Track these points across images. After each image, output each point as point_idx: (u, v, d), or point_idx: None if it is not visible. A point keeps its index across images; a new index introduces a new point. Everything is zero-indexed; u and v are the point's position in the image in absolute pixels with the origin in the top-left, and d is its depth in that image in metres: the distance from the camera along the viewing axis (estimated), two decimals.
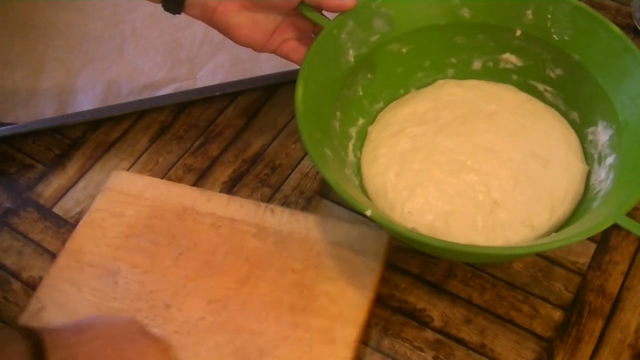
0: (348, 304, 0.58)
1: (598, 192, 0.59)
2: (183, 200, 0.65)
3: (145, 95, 0.76)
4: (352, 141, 0.64)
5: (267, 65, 0.77)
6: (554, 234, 0.58)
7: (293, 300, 0.59)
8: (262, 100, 0.75)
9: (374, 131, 0.66)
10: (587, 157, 0.63)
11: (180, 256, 0.62)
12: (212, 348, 0.57)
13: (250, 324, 0.58)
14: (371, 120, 0.67)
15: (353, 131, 0.65)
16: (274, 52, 0.64)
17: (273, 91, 0.75)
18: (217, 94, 0.74)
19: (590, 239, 0.63)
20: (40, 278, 0.64)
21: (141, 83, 0.77)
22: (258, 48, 0.63)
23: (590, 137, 0.63)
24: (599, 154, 0.61)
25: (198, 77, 0.77)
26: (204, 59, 0.78)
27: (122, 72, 0.78)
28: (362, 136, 0.66)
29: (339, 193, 0.53)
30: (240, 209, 0.64)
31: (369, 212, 0.52)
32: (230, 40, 0.78)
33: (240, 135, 0.73)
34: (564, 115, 0.65)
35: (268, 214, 0.64)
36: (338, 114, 0.62)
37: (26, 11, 0.84)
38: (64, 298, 0.60)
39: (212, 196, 0.65)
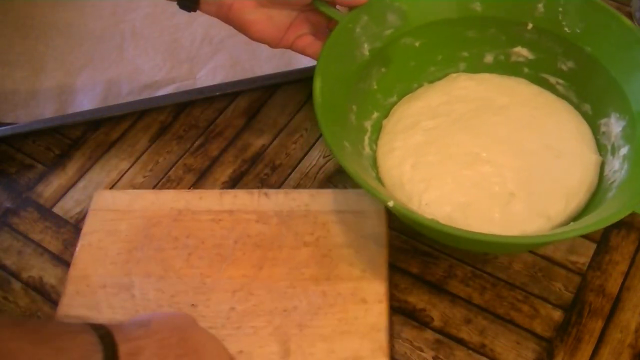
0: (367, 263, 0.60)
1: (612, 182, 0.59)
2: (175, 204, 0.65)
3: (145, 95, 0.76)
4: (368, 134, 0.65)
5: (267, 65, 0.77)
6: (571, 223, 0.58)
7: (314, 271, 0.60)
8: (262, 100, 0.75)
9: (388, 124, 0.66)
10: (600, 148, 0.63)
11: (190, 256, 0.62)
12: (252, 334, 0.57)
13: (281, 303, 0.59)
14: (385, 113, 0.67)
15: (368, 124, 0.65)
16: (290, 47, 0.64)
17: (273, 91, 0.75)
18: (217, 94, 0.74)
19: (590, 239, 0.63)
20: (41, 278, 0.64)
21: (141, 83, 0.77)
22: (274, 44, 0.63)
23: (603, 129, 0.63)
24: (612, 145, 0.62)
25: (198, 77, 0.77)
26: (204, 59, 0.78)
27: (122, 72, 0.78)
28: (377, 129, 0.66)
29: (361, 184, 0.53)
30: (235, 200, 0.65)
31: (391, 203, 0.53)
32: (230, 40, 0.78)
33: (240, 135, 0.73)
34: (576, 107, 0.66)
35: (263, 199, 0.64)
36: (354, 107, 0.63)
37: (26, 11, 0.84)
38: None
39: (203, 194, 0.66)
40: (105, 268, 0.62)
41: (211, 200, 0.65)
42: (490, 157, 0.61)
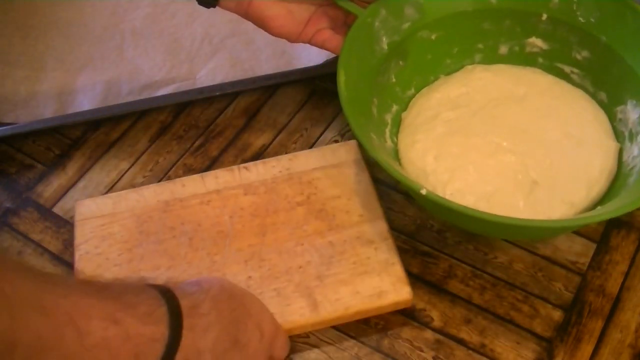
0: (362, 207, 0.63)
1: (632, 168, 0.60)
2: (160, 196, 0.65)
3: (145, 95, 0.76)
4: (388, 127, 0.66)
5: (267, 65, 0.77)
6: (598, 207, 0.59)
7: (316, 226, 0.62)
8: (262, 100, 0.75)
9: (408, 117, 0.67)
10: (618, 135, 0.64)
11: (192, 240, 0.62)
12: (275, 296, 0.58)
13: (294, 262, 0.60)
14: (404, 106, 0.68)
15: (388, 118, 0.66)
16: (309, 42, 0.64)
17: (273, 91, 0.75)
18: (217, 94, 0.74)
19: (590, 239, 0.63)
20: None
21: (141, 83, 0.77)
22: (293, 38, 0.64)
23: (619, 116, 0.64)
24: (630, 131, 0.63)
25: (198, 77, 0.77)
26: (204, 59, 0.78)
27: (122, 72, 0.78)
28: (397, 123, 0.67)
29: (393, 174, 0.54)
30: (217, 180, 0.65)
31: (424, 191, 0.54)
32: (230, 40, 0.78)
33: (240, 135, 0.73)
34: (592, 95, 0.67)
35: (244, 173, 0.66)
36: (375, 100, 0.64)
37: (26, 11, 0.84)
38: None
39: (184, 181, 0.66)
40: (110, 271, 0.61)
41: (194, 185, 0.65)
42: (511, 146, 0.62)
